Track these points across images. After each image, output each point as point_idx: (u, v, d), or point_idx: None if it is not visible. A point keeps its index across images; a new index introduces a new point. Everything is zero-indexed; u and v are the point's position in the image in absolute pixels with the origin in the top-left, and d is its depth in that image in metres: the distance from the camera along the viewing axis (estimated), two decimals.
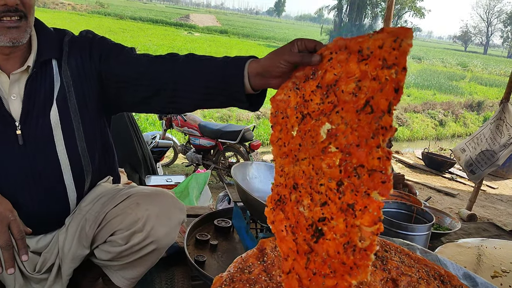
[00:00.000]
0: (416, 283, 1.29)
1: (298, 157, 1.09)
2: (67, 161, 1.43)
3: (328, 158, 1.01)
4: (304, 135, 1.09)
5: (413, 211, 2.07)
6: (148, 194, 1.50)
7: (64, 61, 1.44)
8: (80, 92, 1.45)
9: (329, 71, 1.07)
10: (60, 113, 1.41)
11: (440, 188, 7.64)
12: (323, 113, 1.06)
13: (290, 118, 1.13)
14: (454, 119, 14.55)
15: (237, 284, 1.16)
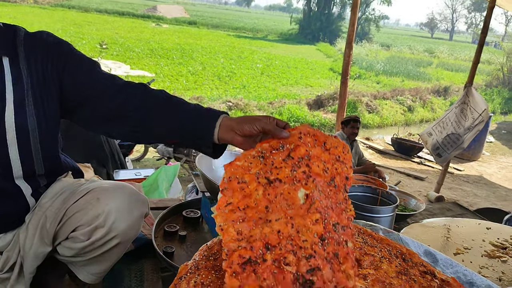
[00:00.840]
0: (378, 262, 1.32)
1: (267, 218, 1.17)
2: (19, 164, 1.38)
3: (310, 217, 1.17)
4: (274, 198, 1.21)
5: (378, 193, 2.12)
6: (108, 188, 1.48)
7: (22, 62, 1.38)
8: (38, 96, 1.40)
9: (301, 146, 1.28)
10: (16, 116, 1.35)
11: (409, 172, 7.83)
12: (297, 180, 1.24)
13: (250, 183, 1.23)
14: (422, 105, 14.89)
15: (202, 271, 1.16)
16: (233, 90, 13.69)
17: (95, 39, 18.00)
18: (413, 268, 1.33)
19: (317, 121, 11.25)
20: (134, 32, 25.35)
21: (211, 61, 18.56)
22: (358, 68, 20.56)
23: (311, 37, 36.82)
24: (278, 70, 18.81)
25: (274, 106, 11.61)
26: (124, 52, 17.59)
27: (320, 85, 16.55)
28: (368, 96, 13.70)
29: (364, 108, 12.82)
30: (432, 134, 6.46)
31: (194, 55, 19.48)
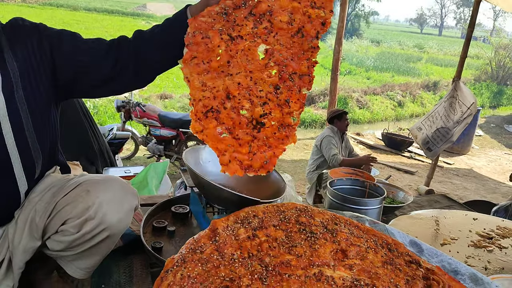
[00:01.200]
0: (364, 252, 1.33)
1: (229, 72, 1.37)
2: (17, 154, 1.40)
3: (268, 70, 1.38)
4: (235, 53, 1.36)
5: (366, 186, 2.13)
6: (98, 180, 1.48)
7: (6, 52, 1.38)
8: (28, 83, 1.41)
9: (263, 2, 1.37)
10: (8, 106, 1.36)
11: (399, 167, 7.88)
12: (257, 36, 1.37)
13: (213, 39, 1.35)
14: (412, 100, 14.98)
15: (188, 264, 1.17)
16: None
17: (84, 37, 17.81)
18: (399, 257, 1.35)
19: (308, 117, 11.27)
20: (124, 31, 25.11)
21: None
22: (349, 64, 20.61)
23: None
24: None
25: None
26: None
27: None
28: (358, 92, 13.76)
29: (354, 104, 12.87)
30: (421, 129, 6.50)
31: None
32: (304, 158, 7.99)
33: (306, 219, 1.41)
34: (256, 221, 1.36)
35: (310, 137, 9.85)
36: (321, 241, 1.33)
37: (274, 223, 1.38)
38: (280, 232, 1.34)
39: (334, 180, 2.11)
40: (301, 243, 1.31)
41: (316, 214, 1.45)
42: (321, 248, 1.30)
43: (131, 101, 6.13)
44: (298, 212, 1.44)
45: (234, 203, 1.53)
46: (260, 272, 1.17)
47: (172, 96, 10.72)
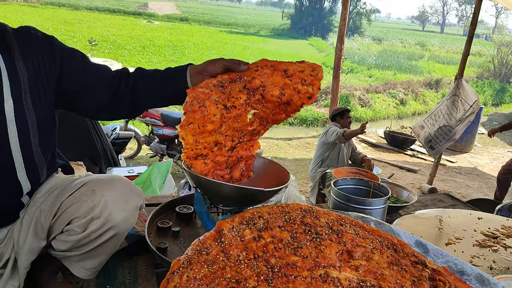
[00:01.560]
0: (370, 253, 1.33)
1: (220, 131, 1.56)
2: (20, 158, 1.41)
3: (251, 124, 1.62)
4: (228, 120, 1.54)
5: (370, 186, 2.13)
6: (104, 180, 1.49)
7: (17, 57, 1.40)
8: (36, 91, 1.43)
9: (257, 78, 1.53)
10: (15, 111, 1.38)
11: (402, 165, 7.88)
12: (249, 105, 1.55)
13: (209, 108, 1.49)
14: (414, 98, 14.95)
15: (194, 265, 1.17)
16: None
17: (85, 37, 17.84)
18: (404, 258, 1.35)
19: (310, 115, 11.26)
20: (126, 30, 25.18)
21: (203, 58, 18.48)
22: (350, 62, 20.57)
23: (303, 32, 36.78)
24: None
25: None
26: (116, 49, 17.49)
27: None
28: (360, 90, 13.73)
29: (356, 102, 12.85)
30: (424, 127, 6.49)
31: (186, 51, 19.41)
32: (306, 157, 7.98)
33: (311, 220, 1.41)
34: (261, 222, 1.36)
35: (312, 135, 9.85)
36: (327, 242, 1.33)
37: (279, 224, 1.38)
38: (286, 233, 1.34)
39: (338, 179, 2.11)
40: (306, 244, 1.31)
41: (321, 215, 1.45)
42: (327, 249, 1.30)
43: None
44: (303, 213, 1.44)
45: (237, 199, 1.53)
46: (266, 273, 1.17)
47: None
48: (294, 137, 9.45)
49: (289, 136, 9.53)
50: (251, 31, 37.01)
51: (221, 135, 1.58)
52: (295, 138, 9.35)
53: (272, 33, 37.07)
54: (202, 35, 28.02)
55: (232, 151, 1.67)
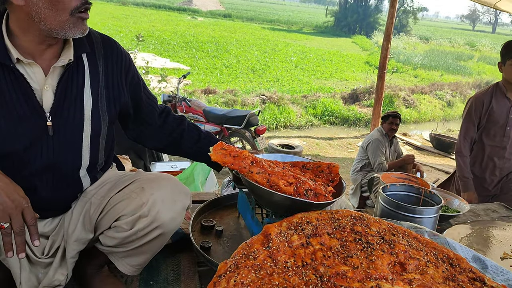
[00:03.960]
0: (424, 267, 1.26)
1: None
2: (88, 156, 1.49)
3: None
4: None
5: (421, 193, 2.04)
6: (153, 178, 1.49)
7: (100, 61, 1.49)
8: (108, 95, 1.51)
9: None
10: (93, 110, 1.45)
11: (448, 170, 7.58)
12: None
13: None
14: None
15: (241, 270, 1.14)
16: (266, 83, 13.65)
17: (132, 32, 18.32)
18: (461, 274, 1.27)
19: (352, 115, 11.05)
20: (170, 25, 25.66)
21: (245, 54, 18.56)
22: (395, 61, 20.06)
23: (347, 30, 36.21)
24: (313, 63, 18.60)
25: (308, 99, 11.48)
26: (160, 45, 17.84)
27: (356, 78, 16.26)
28: (405, 91, 13.34)
29: (401, 103, 12.50)
30: None
31: (228, 48, 19.53)
32: (347, 157, 7.84)
33: (362, 228, 1.36)
34: (309, 228, 1.32)
35: (354, 135, 9.66)
36: (378, 252, 1.27)
37: (328, 231, 1.33)
38: (335, 240, 1.30)
39: (387, 185, 2.03)
40: (357, 254, 1.25)
41: (372, 223, 1.39)
42: (378, 260, 1.24)
43: (177, 96, 6.21)
44: (353, 221, 1.39)
45: (286, 207, 1.49)
46: (315, 282, 1.13)
47: (216, 91, 10.79)
48: (335, 137, 9.31)
49: (330, 136, 9.40)
50: (294, 28, 36.81)
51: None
52: (336, 138, 9.21)
53: (315, 31, 36.72)
54: (245, 31, 28.13)
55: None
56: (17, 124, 1.33)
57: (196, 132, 1.82)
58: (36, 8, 1.26)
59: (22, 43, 1.33)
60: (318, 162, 1.70)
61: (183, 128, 1.79)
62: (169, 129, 1.77)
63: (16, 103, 1.33)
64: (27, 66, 1.35)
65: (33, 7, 1.26)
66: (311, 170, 1.66)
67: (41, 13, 1.27)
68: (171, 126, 1.78)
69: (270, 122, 9.61)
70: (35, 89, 1.36)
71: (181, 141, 1.79)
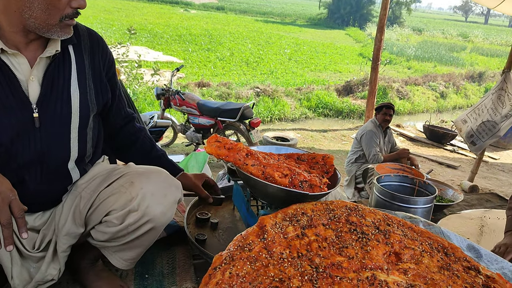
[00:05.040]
0: (419, 256, 1.27)
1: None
2: (76, 148, 1.48)
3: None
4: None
5: (415, 184, 2.04)
6: (142, 172, 1.48)
7: (86, 53, 1.48)
8: (95, 87, 1.51)
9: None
10: (81, 101, 1.44)
11: (441, 161, 7.62)
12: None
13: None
14: (455, 91, 14.42)
15: (237, 262, 1.14)
16: (261, 76, 13.60)
17: (124, 25, 18.14)
18: (456, 263, 1.28)
19: (346, 107, 11.06)
20: (163, 18, 25.46)
21: (239, 47, 18.47)
22: (389, 53, 20.07)
23: (340, 22, 36.11)
24: (306, 56, 18.55)
25: (302, 92, 11.46)
26: (153, 38, 17.71)
27: (349, 70, 16.25)
28: (399, 82, 13.36)
29: (394, 94, 12.52)
30: (466, 121, 6.24)
31: (222, 40, 19.43)
32: (341, 149, 7.85)
33: (357, 219, 1.36)
34: (305, 219, 1.32)
35: (348, 127, 9.67)
36: (373, 242, 1.27)
37: (323, 221, 1.33)
38: (330, 231, 1.29)
39: (382, 176, 2.03)
40: (352, 244, 1.26)
41: (367, 214, 1.39)
42: (374, 250, 1.24)
43: (171, 89, 6.17)
44: (348, 211, 1.39)
45: (281, 199, 1.49)
46: (311, 273, 1.13)
47: (210, 84, 10.74)
48: (329, 129, 9.31)
49: (324, 128, 9.40)
50: (288, 20, 36.68)
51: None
52: (330, 130, 9.21)
53: (309, 23, 36.62)
54: (238, 24, 27.99)
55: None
56: (2, 115, 1.31)
57: (149, 146, 1.81)
58: (30, 5, 1.25)
59: (7, 34, 1.31)
60: (313, 153, 1.69)
61: (137, 136, 1.78)
62: (125, 134, 1.76)
63: (1, 95, 1.30)
64: (11, 57, 1.32)
65: (28, 3, 1.24)
66: (306, 161, 1.66)
67: (33, 12, 1.26)
68: (128, 132, 1.77)
69: (265, 115, 9.59)
70: (21, 80, 1.33)
71: (131, 149, 1.78)
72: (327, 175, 1.58)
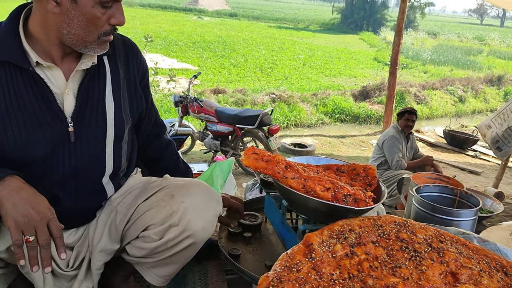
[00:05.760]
0: (477, 276, 1.18)
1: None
2: (111, 162, 1.43)
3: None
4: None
5: (456, 194, 1.95)
6: (183, 185, 1.42)
7: (121, 63, 1.44)
8: (130, 99, 1.48)
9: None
10: (116, 114, 1.40)
11: (464, 166, 7.45)
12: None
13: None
14: (474, 95, 14.16)
15: (285, 284, 1.06)
16: (275, 82, 13.55)
17: (139, 33, 18.28)
18: None
19: (363, 112, 10.92)
20: (177, 26, 25.63)
21: (252, 53, 18.46)
22: (404, 57, 19.84)
23: (354, 27, 35.96)
24: (321, 61, 18.46)
25: (318, 97, 11.36)
26: (168, 45, 17.80)
27: (365, 75, 16.10)
28: (416, 87, 13.17)
29: (412, 99, 12.34)
30: (491, 127, 6.08)
31: (236, 47, 19.45)
32: (360, 155, 7.73)
33: (407, 235, 1.27)
34: (353, 237, 1.24)
35: (366, 133, 9.54)
36: (428, 261, 1.19)
37: (372, 239, 1.25)
38: (381, 249, 1.21)
39: (421, 186, 1.94)
40: (405, 263, 1.17)
41: (418, 230, 1.30)
42: (429, 270, 1.16)
43: (189, 96, 6.14)
44: (397, 227, 1.30)
45: (323, 213, 1.41)
46: None
47: (225, 91, 10.71)
48: (347, 135, 9.19)
49: (342, 134, 9.28)
50: (301, 26, 36.63)
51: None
52: (348, 136, 9.09)
53: (322, 28, 36.55)
54: (251, 30, 28.03)
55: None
56: (37, 130, 1.27)
57: (175, 163, 1.77)
58: (69, 22, 1.21)
59: (43, 47, 1.27)
60: (352, 164, 1.61)
61: (165, 151, 1.74)
62: (154, 148, 1.72)
63: (36, 109, 1.27)
64: (47, 70, 1.29)
65: (67, 20, 1.20)
66: (346, 173, 1.58)
67: (72, 28, 1.22)
68: (157, 146, 1.73)
69: (281, 121, 9.52)
70: (56, 93, 1.29)
71: (158, 164, 1.74)
72: (370, 188, 1.50)
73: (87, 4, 1.19)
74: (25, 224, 1.13)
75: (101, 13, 1.22)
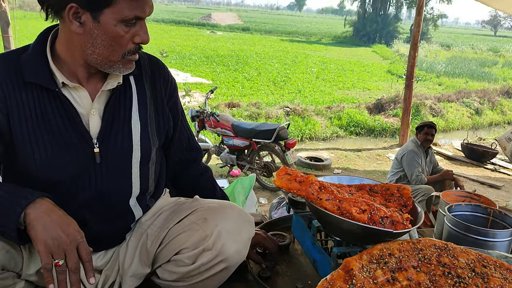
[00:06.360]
0: None
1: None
2: (138, 184, 1.41)
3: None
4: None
5: (489, 213, 1.89)
6: (216, 208, 1.39)
7: (147, 83, 1.42)
8: (160, 117, 1.46)
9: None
10: (142, 135, 1.38)
11: (483, 180, 7.32)
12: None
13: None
14: (490, 107, 13.97)
15: None
16: (288, 95, 13.56)
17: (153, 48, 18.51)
18: None
19: (378, 125, 10.84)
20: (190, 40, 25.92)
21: (265, 67, 18.54)
22: (418, 70, 19.70)
23: (366, 39, 36.02)
24: (334, 74, 18.46)
25: (333, 110, 11.31)
26: (182, 59, 17.98)
27: (379, 88, 16.03)
28: (431, 99, 13.06)
29: (427, 112, 12.23)
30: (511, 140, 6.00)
31: (248, 61, 19.56)
32: (377, 169, 7.65)
33: (449, 260, 1.23)
34: (393, 261, 1.20)
35: (382, 146, 9.45)
36: (472, 287, 1.14)
37: (413, 263, 1.20)
38: (423, 275, 1.17)
39: (452, 205, 1.88)
40: None
41: (459, 254, 1.26)
42: None
43: (206, 111, 6.16)
44: (438, 251, 1.26)
45: (359, 236, 1.37)
46: None
47: (240, 105, 10.74)
48: (363, 148, 9.11)
49: (358, 147, 9.21)
50: (313, 39, 36.80)
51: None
52: (364, 149, 9.01)
53: (334, 41, 36.66)
54: (264, 44, 28.22)
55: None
56: (63, 151, 1.26)
57: (211, 191, 1.72)
58: (93, 42, 1.20)
59: (69, 67, 1.27)
60: (385, 184, 1.57)
61: (199, 180, 1.71)
62: (187, 177, 1.69)
63: (62, 130, 1.26)
64: (73, 90, 1.28)
65: (91, 40, 1.20)
66: (380, 193, 1.54)
67: (96, 48, 1.21)
68: (191, 174, 1.69)
69: (295, 134, 9.48)
70: (82, 114, 1.29)
71: (192, 191, 1.66)
72: (406, 209, 1.46)
73: (109, 23, 1.18)
74: (55, 247, 1.11)
75: (124, 31, 1.21)
